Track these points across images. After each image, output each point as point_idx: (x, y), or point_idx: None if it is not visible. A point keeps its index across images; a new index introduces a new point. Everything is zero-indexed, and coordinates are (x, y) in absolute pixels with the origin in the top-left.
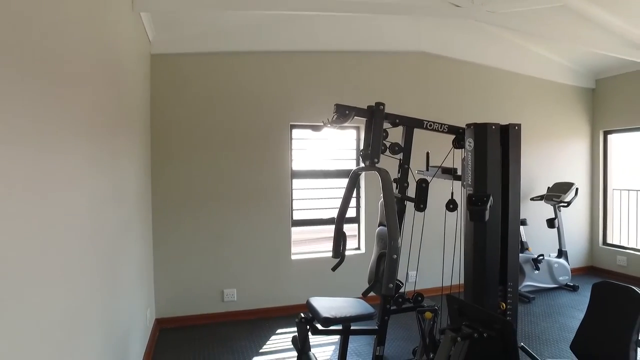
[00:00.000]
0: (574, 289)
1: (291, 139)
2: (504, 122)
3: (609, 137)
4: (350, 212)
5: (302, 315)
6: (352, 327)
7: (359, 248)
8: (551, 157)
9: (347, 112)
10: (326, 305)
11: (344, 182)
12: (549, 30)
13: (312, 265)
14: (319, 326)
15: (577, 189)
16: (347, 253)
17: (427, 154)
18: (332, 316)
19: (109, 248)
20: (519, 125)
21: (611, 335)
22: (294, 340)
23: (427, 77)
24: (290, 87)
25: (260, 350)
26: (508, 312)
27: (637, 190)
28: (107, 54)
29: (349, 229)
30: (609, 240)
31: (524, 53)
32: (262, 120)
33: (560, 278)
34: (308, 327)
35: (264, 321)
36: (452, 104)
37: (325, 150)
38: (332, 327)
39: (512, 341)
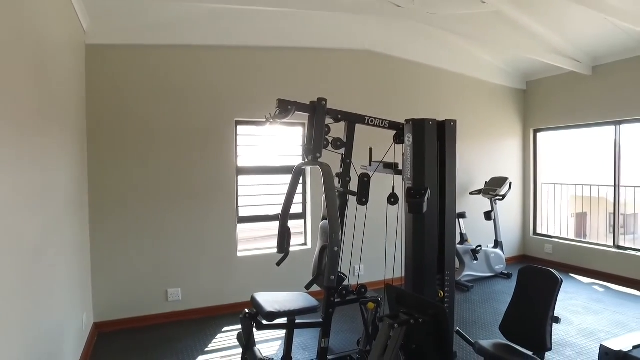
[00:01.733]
0: (508, 276)
1: (236, 135)
2: (442, 119)
3: (539, 135)
4: (297, 208)
5: (247, 311)
6: (296, 321)
7: (305, 244)
8: (488, 153)
9: (289, 107)
10: (270, 300)
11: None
12: (484, 34)
13: (258, 261)
14: (264, 321)
15: (510, 183)
16: (293, 249)
17: (370, 149)
18: (276, 310)
19: (30, 251)
20: (454, 122)
21: (533, 314)
22: (239, 336)
23: (371, 75)
24: (235, 83)
25: (206, 349)
26: (446, 300)
27: (562, 184)
28: (27, 40)
29: (295, 225)
30: (538, 231)
31: (462, 54)
32: (206, 116)
33: (497, 267)
34: (253, 322)
35: (210, 320)
36: (395, 101)
37: (272, 146)
38: (277, 322)
39: (445, 325)
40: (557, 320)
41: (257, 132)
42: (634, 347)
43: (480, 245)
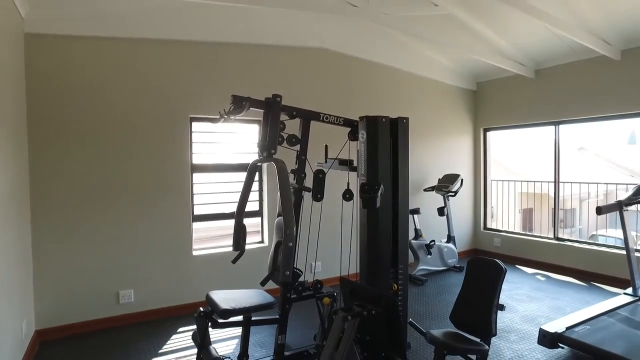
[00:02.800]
0: (460, 269)
1: (191, 132)
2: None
3: (488, 134)
4: (253, 206)
5: (201, 309)
6: (253, 318)
7: (262, 241)
8: (441, 151)
9: (243, 103)
10: (225, 297)
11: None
12: (436, 35)
13: (215, 260)
14: (219, 319)
15: (462, 180)
16: (250, 246)
17: (326, 146)
18: (231, 308)
19: None
20: (406, 119)
21: (480, 303)
22: (194, 336)
23: (328, 73)
24: (190, 79)
25: (160, 351)
26: (399, 292)
27: (509, 181)
28: None
29: (253, 223)
30: (488, 225)
31: (416, 55)
32: (159, 112)
33: (449, 261)
34: (208, 321)
35: (165, 321)
36: (351, 99)
37: (229, 143)
38: (232, 319)
39: (396, 315)
40: (501, 307)
41: (214, 129)
42: (567, 328)
43: (433, 240)
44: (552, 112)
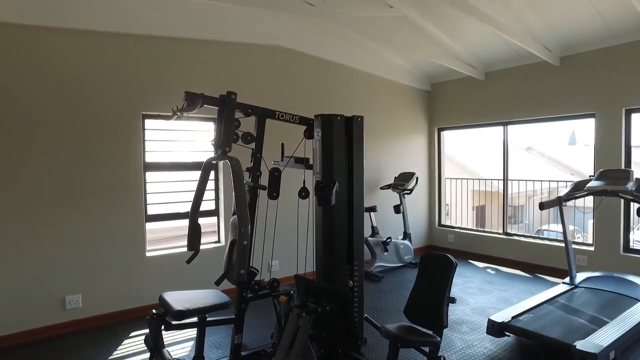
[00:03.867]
0: (416, 265)
1: (144, 129)
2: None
3: (442, 133)
4: (209, 205)
5: (154, 311)
6: (208, 319)
7: (218, 241)
8: (397, 150)
9: (196, 99)
10: (179, 298)
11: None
12: (392, 36)
13: (169, 261)
14: (173, 321)
15: (417, 178)
16: (206, 246)
17: (282, 144)
18: (185, 309)
19: None
20: (361, 117)
21: (432, 296)
22: (146, 339)
23: (284, 71)
24: (142, 75)
25: (110, 357)
26: (355, 288)
27: (462, 179)
28: None
29: (210, 223)
30: (442, 222)
31: (373, 55)
32: (109, 109)
33: (406, 257)
34: (161, 323)
35: (116, 326)
36: (308, 98)
37: (185, 141)
38: (187, 321)
39: (351, 310)
40: (452, 300)
41: (169, 126)
42: (512, 318)
43: (390, 237)
44: (501, 113)
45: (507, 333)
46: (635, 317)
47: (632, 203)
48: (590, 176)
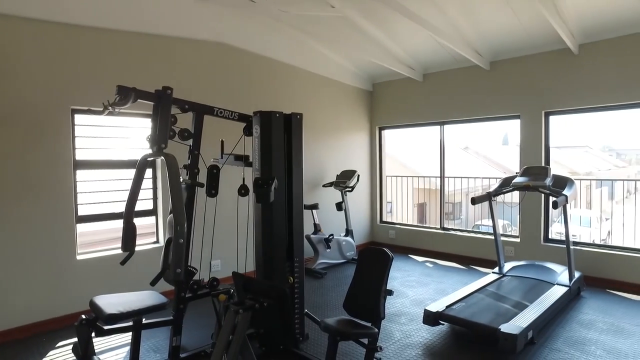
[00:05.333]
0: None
1: (73, 124)
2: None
3: (383, 132)
4: (147, 205)
5: (83, 317)
6: (144, 321)
7: (157, 241)
8: (340, 148)
9: (129, 93)
10: (113, 301)
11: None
12: (334, 36)
13: (103, 264)
14: (105, 326)
15: (358, 176)
16: (144, 247)
17: (222, 142)
18: (118, 312)
19: None
20: (300, 115)
21: (370, 289)
22: (74, 348)
23: (226, 68)
24: (71, 67)
25: None
26: (296, 285)
27: (402, 177)
28: None
29: (148, 223)
30: (384, 219)
31: (315, 54)
32: (33, 103)
33: (348, 253)
34: (91, 329)
35: (40, 336)
36: (250, 95)
37: (120, 138)
38: (121, 325)
39: (287, 305)
40: (390, 292)
41: (102, 122)
42: (446, 307)
43: (332, 234)
44: (438, 113)
45: (441, 322)
46: (550, 300)
47: (550, 197)
48: (516, 173)
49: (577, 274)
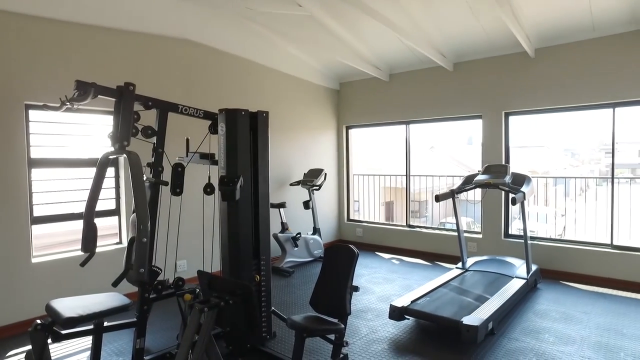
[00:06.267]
0: None
1: (27, 121)
2: None
3: (350, 131)
4: (110, 204)
5: (38, 322)
6: (105, 324)
7: (120, 242)
8: (307, 147)
9: (88, 89)
10: (71, 305)
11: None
12: (301, 35)
13: (62, 266)
14: (63, 331)
15: (325, 174)
16: (106, 248)
17: (187, 140)
18: (78, 315)
19: None
20: (266, 113)
21: (336, 286)
22: (27, 356)
23: (192, 65)
24: (26, 60)
25: None
26: (263, 283)
27: (369, 175)
28: None
29: (111, 224)
30: (351, 217)
31: (283, 53)
32: None
33: (315, 252)
34: (47, 334)
35: None
36: (216, 93)
37: (81, 136)
38: (81, 328)
39: (252, 302)
40: (356, 289)
41: (61, 119)
42: (412, 302)
43: (299, 233)
44: (403, 113)
45: (407, 316)
46: (509, 292)
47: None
48: (478, 171)
49: (534, 267)
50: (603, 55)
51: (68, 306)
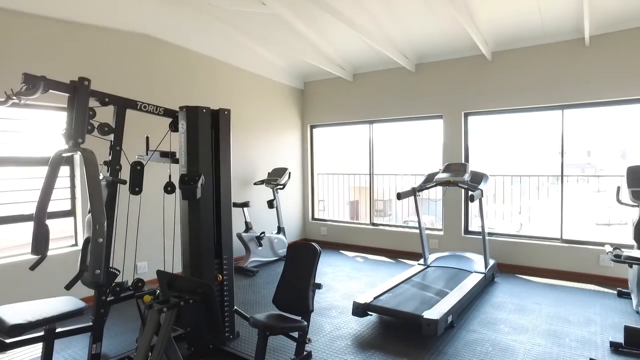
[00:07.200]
0: None
1: None
2: None
3: (314, 130)
4: (65, 205)
5: None
6: (57, 330)
7: (75, 244)
8: (271, 146)
9: (37, 83)
10: (18, 310)
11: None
12: (265, 34)
13: (10, 271)
14: (7, 339)
15: (290, 173)
16: (60, 251)
17: (147, 138)
18: (25, 321)
19: None
20: (228, 111)
21: (298, 283)
22: None
23: (153, 61)
24: None
25: None
26: (225, 282)
27: (333, 174)
28: None
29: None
30: (316, 216)
31: (247, 51)
32: None
33: (280, 251)
34: None
35: None
36: (178, 90)
37: (30, 133)
38: (30, 336)
39: (212, 301)
40: (318, 286)
41: (9, 114)
42: (374, 298)
43: (264, 232)
44: (367, 113)
45: (370, 312)
46: (468, 286)
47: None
48: (439, 169)
49: (491, 262)
50: (552, 60)
51: (15, 312)
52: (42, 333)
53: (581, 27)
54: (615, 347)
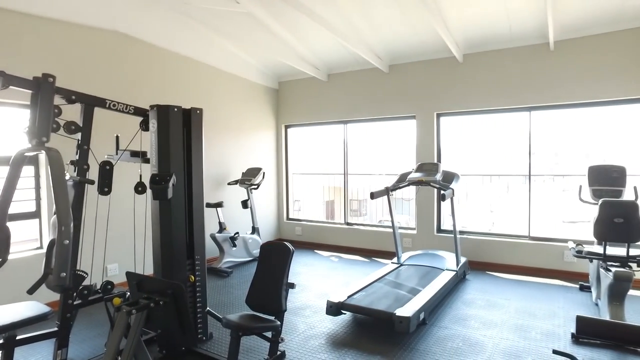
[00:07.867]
0: None
1: None
2: None
3: (289, 130)
4: (29, 206)
5: None
6: (18, 337)
7: (40, 247)
8: (245, 145)
9: None
10: None
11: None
12: (239, 33)
13: None
14: None
15: (264, 173)
16: (24, 254)
17: (117, 137)
18: None
19: None
20: (200, 110)
21: (271, 283)
22: None
23: (123, 59)
24: None
25: None
26: (198, 283)
27: (308, 174)
28: None
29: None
30: (290, 216)
31: (221, 50)
32: None
33: (254, 251)
34: None
35: None
36: (150, 89)
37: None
38: None
39: (183, 301)
40: (292, 285)
41: None
42: (348, 297)
43: (237, 232)
44: (341, 113)
45: (343, 311)
46: (440, 284)
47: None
48: (412, 169)
49: (463, 260)
50: (520, 63)
51: None
52: (0, 341)
53: (546, 32)
54: (575, 337)
